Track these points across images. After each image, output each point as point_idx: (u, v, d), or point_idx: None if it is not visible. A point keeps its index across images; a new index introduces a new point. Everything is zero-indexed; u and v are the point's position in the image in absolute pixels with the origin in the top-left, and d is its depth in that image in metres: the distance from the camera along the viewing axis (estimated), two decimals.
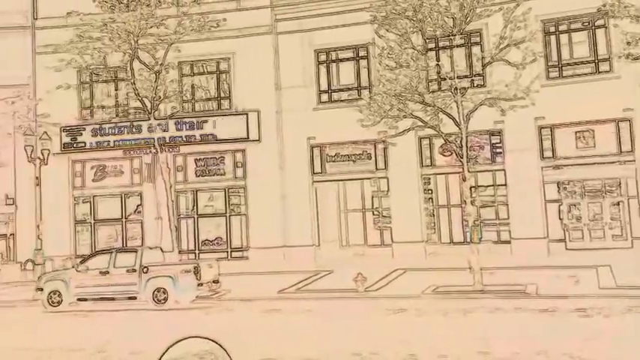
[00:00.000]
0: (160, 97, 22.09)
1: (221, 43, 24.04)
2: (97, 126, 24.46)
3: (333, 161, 23.55)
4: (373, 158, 23.24)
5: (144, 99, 21.95)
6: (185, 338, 7.88)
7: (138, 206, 24.64)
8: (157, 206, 23.93)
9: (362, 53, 23.64)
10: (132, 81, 21.42)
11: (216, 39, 23.73)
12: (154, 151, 23.27)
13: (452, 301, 15.61)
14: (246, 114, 23.88)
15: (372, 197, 23.35)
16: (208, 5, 23.66)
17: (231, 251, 23.80)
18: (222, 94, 24.53)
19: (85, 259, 18.61)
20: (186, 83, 24.49)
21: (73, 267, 18.48)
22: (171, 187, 20.66)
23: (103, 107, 25.06)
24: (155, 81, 21.88)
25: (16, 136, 24.11)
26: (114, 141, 24.26)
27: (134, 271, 16.94)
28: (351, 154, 23.36)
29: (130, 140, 24.17)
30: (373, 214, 23.27)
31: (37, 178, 22.56)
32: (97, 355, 11.44)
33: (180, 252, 20.23)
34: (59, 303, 17.37)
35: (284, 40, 24.09)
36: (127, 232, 24.47)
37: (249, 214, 23.78)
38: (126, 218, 24.62)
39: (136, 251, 17.55)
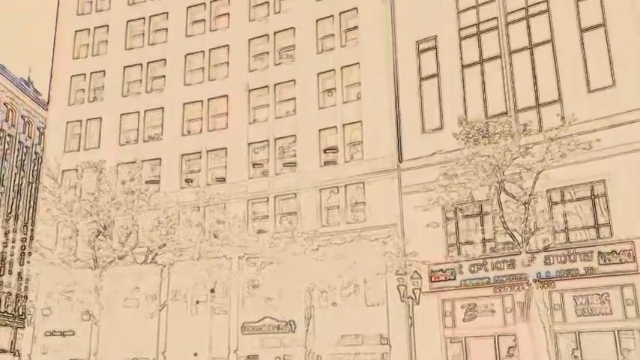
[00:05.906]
0: (530, 229, 20.55)
1: (594, 165, 21.71)
2: (466, 263, 23.71)
3: None
4: None
5: (513, 232, 20.66)
6: None
7: (510, 349, 22.61)
8: (534, 350, 21.57)
9: None
10: (500, 215, 20.40)
11: (588, 161, 21.50)
12: (527, 287, 21.40)
13: None
14: (632, 242, 20.66)
15: None
16: (575, 126, 21.69)
17: None
18: (600, 221, 21.80)
19: None
20: (557, 212, 22.47)
21: None
22: (550, 327, 18.32)
23: (468, 243, 24.35)
24: (524, 212, 20.52)
25: (387, 276, 24.72)
26: (484, 278, 23.11)
27: None
28: None
29: (500, 277, 22.70)
30: None
31: (410, 317, 22.47)
32: None
33: None
34: None
35: None
36: None
37: None
38: None
39: None
